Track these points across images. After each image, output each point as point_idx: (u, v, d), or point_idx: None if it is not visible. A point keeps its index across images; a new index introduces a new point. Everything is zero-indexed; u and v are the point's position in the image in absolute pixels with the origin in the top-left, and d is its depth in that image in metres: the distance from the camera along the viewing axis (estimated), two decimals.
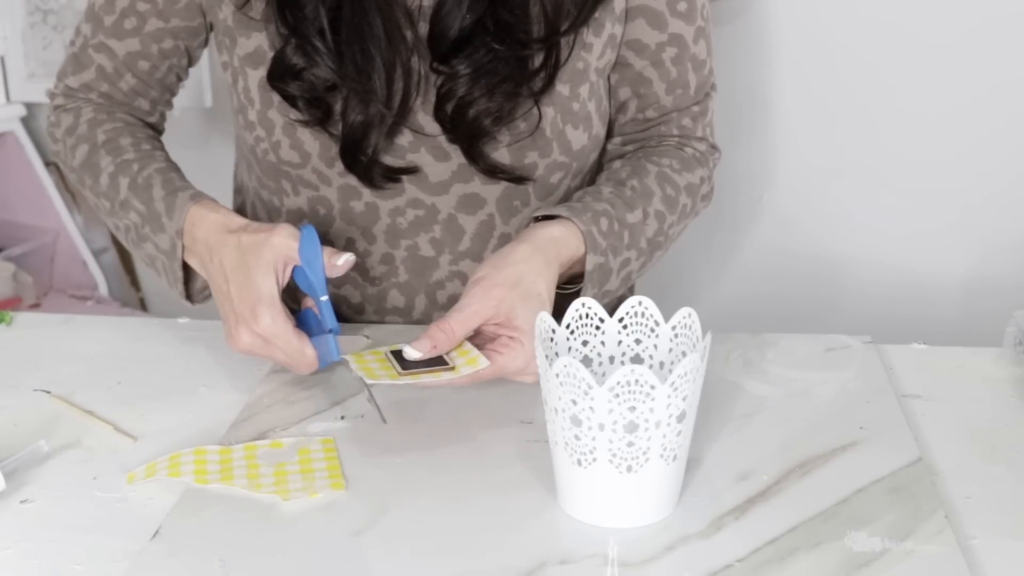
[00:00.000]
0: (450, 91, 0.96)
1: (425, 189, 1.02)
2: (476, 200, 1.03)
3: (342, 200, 1.04)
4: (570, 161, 1.02)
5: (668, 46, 1.02)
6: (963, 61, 1.68)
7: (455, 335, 0.86)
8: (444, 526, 0.75)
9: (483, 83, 0.95)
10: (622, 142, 1.09)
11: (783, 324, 1.49)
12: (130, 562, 0.72)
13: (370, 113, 0.97)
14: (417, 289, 1.07)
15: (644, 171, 1.02)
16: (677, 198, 1.03)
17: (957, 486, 0.80)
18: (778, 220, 1.84)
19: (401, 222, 1.04)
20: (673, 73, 1.04)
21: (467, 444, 0.86)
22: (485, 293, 0.87)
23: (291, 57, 0.97)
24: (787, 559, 0.71)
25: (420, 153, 1.00)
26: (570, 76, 0.99)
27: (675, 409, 0.72)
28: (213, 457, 0.83)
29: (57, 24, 2.11)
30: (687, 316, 0.81)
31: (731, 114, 1.80)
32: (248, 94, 1.01)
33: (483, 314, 0.86)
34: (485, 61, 0.95)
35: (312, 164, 1.01)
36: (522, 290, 0.87)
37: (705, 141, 1.09)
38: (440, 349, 0.85)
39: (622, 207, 0.98)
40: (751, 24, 1.76)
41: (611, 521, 0.75)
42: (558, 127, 1.00)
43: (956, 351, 1.01)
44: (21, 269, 2.08)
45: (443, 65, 0.96)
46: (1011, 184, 1.72)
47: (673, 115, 1.06)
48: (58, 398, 0.94)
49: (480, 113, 0.96)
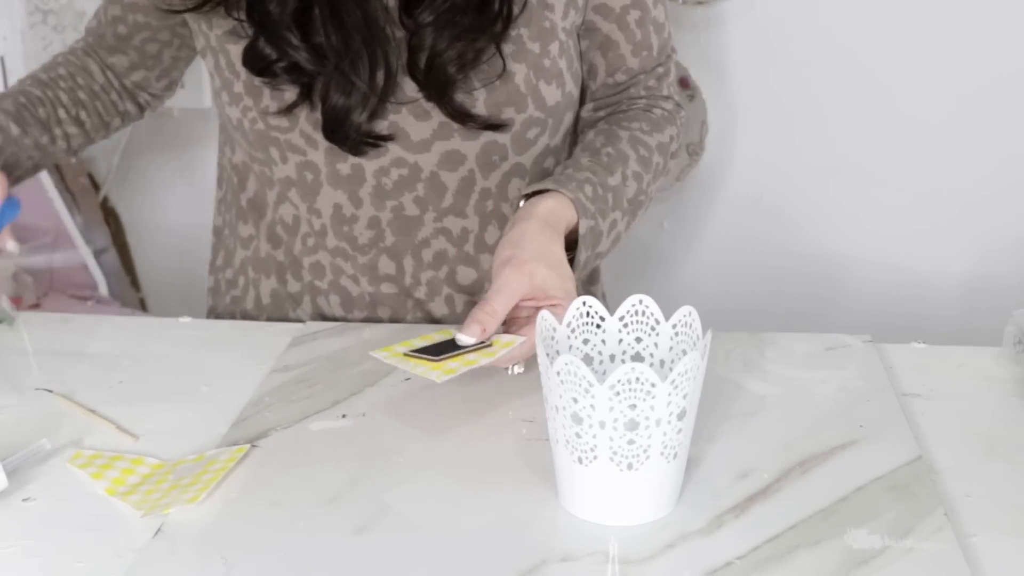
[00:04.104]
0: (418, 44, 1.00)
1: (408, 148, 1.05)
2: (457, 156, 1.06)
3: (329, 164, 1.06)
4: (545, 117, 1.06)
5: (632, 8, 1.08)
6: (963, 61, 1.68)
7: (499, 315, 0.88)
8: (444, 525, 0.75)
9: (446, 33, 0.99)
10: (594, 107, 1.13)
11: (783, 323, 1.50)
12: (132, 560, 0.73)
13: (353, 97, 1.00)
14: (403, 251, 1.09)
15: (616, 137, 1.07)
16: (650, 158, 1.08)
17: (957, 484, 0.80)
18: (778, 220, 1.84)
19: (386, 182, 1.06)
20: (638, 35, 1.09)
21: (468, 442, 0.86)
22: (518, 269, 0.89)
23: (263, 49, 1.01)
24: (787, 557, 0.71)
25: (401, 114, 1.03)
26: (538, 35, 1.03)
27: (675, 407, 0.72)
28: (143, 469, 0.83)
29: (57, 24, 2.11)
30: (687, 315, 0.81)
31: (731, 114, 1.81)
32: (232, 68, 1.04)
33: (521, 291, 0.89)
34: (444, 9, 0.99)
35: (300, 127, 1.04)
36: (549, 261, 0.91)
37: (671, 99, 1.14)
38: (489, 331, 0.88)
39: (602, 172, 1.02)
40: (752, 23, 1.76)
41: (612, 519, 0.75)
42: (531, 82, 1.03)
43: (956, 350, 1.01)
44: (21, 269, 2.08)
45: (408, 19, 1.00)
46: (1011, 183, 1.73)
47: (640, 77, 1.12)
48: (60, 397, 0.95)
49: (446, 61, 1.00)
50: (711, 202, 1.86)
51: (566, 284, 0.91)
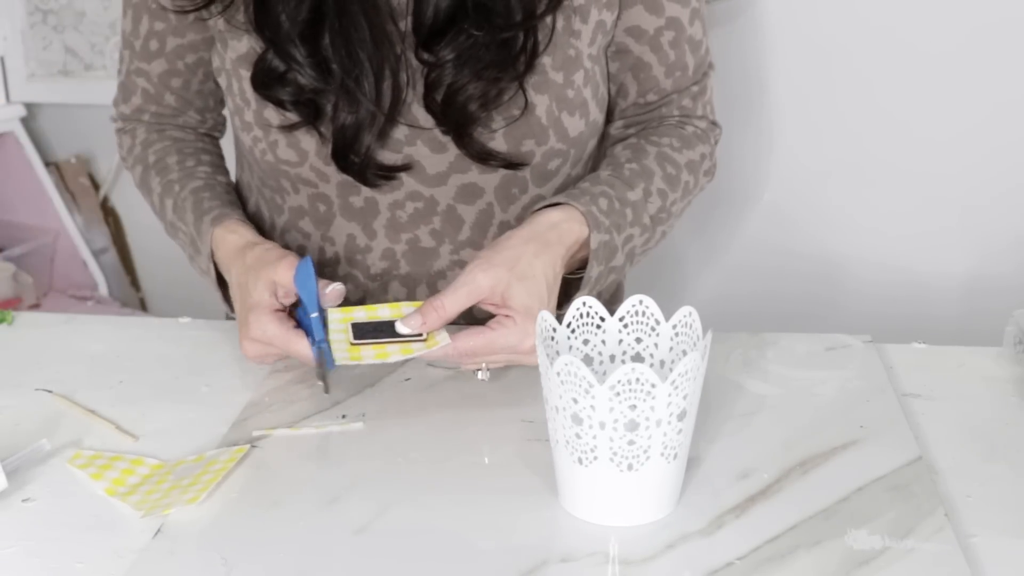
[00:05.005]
0: (437, 79, 0.98)
1: (423, 181, 1.03)
2: (474, 190, 1.03)
3: (341, 196, 1.04)
4: (567, 148, 1.03)
5: (666, 30, 1.04)
6: (963, 61, 1.68)
7: (447, 313, 0.87)
8: (444, 525, 0.75)
9: (467, 70, 0.97)
10: (624, 125, 1.10)
11: (783, 323, 1.49)
12: (132, 560, 0.73)
13: (360, 115, 0.98)
14: (419, 280, 1.07)
15: (643, 152, 1.04)
16: (679, 176, 1.05)
17: (957, 484, 0.80)
18: (778, 220, 1.84)
19: (401, 215, 1.04)
20: (671, 56, 1.05)
21: (467, 443, 0.86)
22: (482, 273, 0.88)
23: (272, 61, 0.99)
24: (787, 557, 0.71)
25: (416, 146, 1.01)
26: (563, 64, 1.00)
27: (676, 408, 0.72)
28: (143, 470, 0.83)
29: (57, 24, 2.11)
30: (688, 315, 0.81)
31: (732, 114, 1.80)
32: (243, 95, 1.02)
33: (477, 294, 0.88)
34: (467, 46, 0.96)
35: (310, 162, 1.02)
36: (518, 271, 0.89)
37: (705, 119, 1.11)
38: (429, 327, 0.87)
39: (621, 187, 1.00)
40: (753, 22, 1.76)
41: (612, 519, 0.75)
42: (554, 114, 1.01)
43: (956, 350, 1.01)
44: (21, 269, 2.08)
45: (428, 54, 0.98)
46: (1012, 184, 1.73)
47: (673, 97, 1.08)
48: (60, 397, 0.94)
49: (467, 99, 0.97)
50: (712, 203, 1.86)
51: (529, 301, 0.88)
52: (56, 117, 2.19)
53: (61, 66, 2.13)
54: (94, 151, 2.21)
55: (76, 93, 2.12)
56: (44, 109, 2.19)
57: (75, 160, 2.20)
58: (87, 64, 2.12)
